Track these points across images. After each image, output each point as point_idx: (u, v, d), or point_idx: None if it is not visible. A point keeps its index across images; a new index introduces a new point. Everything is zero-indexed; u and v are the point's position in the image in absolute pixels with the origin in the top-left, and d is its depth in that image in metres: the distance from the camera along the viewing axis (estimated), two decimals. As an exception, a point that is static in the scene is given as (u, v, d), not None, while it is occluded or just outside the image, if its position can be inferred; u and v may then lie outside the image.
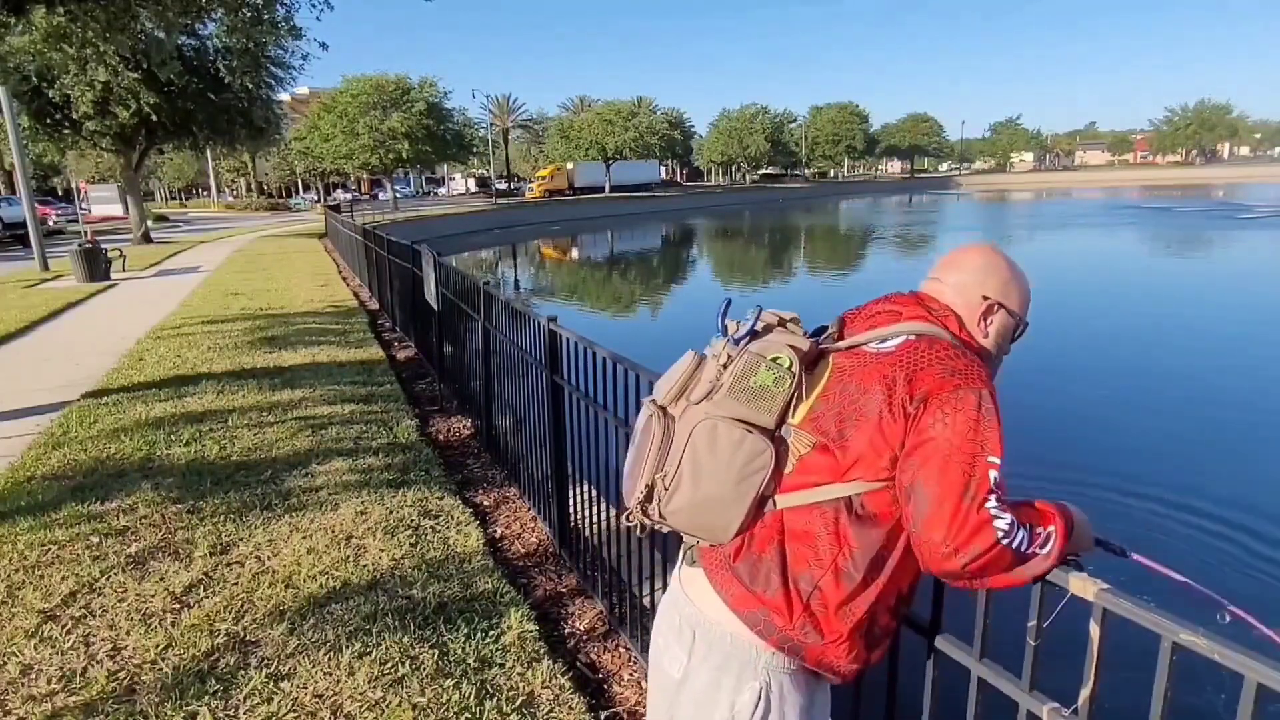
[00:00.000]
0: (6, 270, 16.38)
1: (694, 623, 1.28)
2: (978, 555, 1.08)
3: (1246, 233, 27.45)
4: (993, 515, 1.08)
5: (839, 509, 1.18)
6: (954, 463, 1.09)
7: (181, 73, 18.79)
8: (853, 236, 36.54)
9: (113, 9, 7.94)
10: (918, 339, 1.23)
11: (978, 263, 1.35)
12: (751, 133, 76.24)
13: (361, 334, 8.50)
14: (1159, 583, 1.26)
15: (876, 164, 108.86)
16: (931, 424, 1.12)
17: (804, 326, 1.37)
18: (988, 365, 1.27)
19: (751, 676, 1.22)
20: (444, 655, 2.59)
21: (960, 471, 1.09)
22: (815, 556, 1.19)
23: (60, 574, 3.19)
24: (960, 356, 1.19)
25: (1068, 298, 14.64)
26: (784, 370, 1.25)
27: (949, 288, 1.34)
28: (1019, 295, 1.34)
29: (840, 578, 1.18)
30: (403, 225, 28.83)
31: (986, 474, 1.09)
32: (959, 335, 1.28)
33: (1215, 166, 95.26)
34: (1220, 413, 7.57)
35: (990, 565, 1.10)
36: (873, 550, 1.18)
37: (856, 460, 1.17)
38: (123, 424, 5.16)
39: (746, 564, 1.24)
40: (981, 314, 1.31)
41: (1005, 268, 1.34)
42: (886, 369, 1.19)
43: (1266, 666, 0.94)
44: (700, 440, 1.24)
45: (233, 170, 72.56)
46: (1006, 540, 1.08)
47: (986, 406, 1.13)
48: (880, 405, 1.16)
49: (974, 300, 1.31)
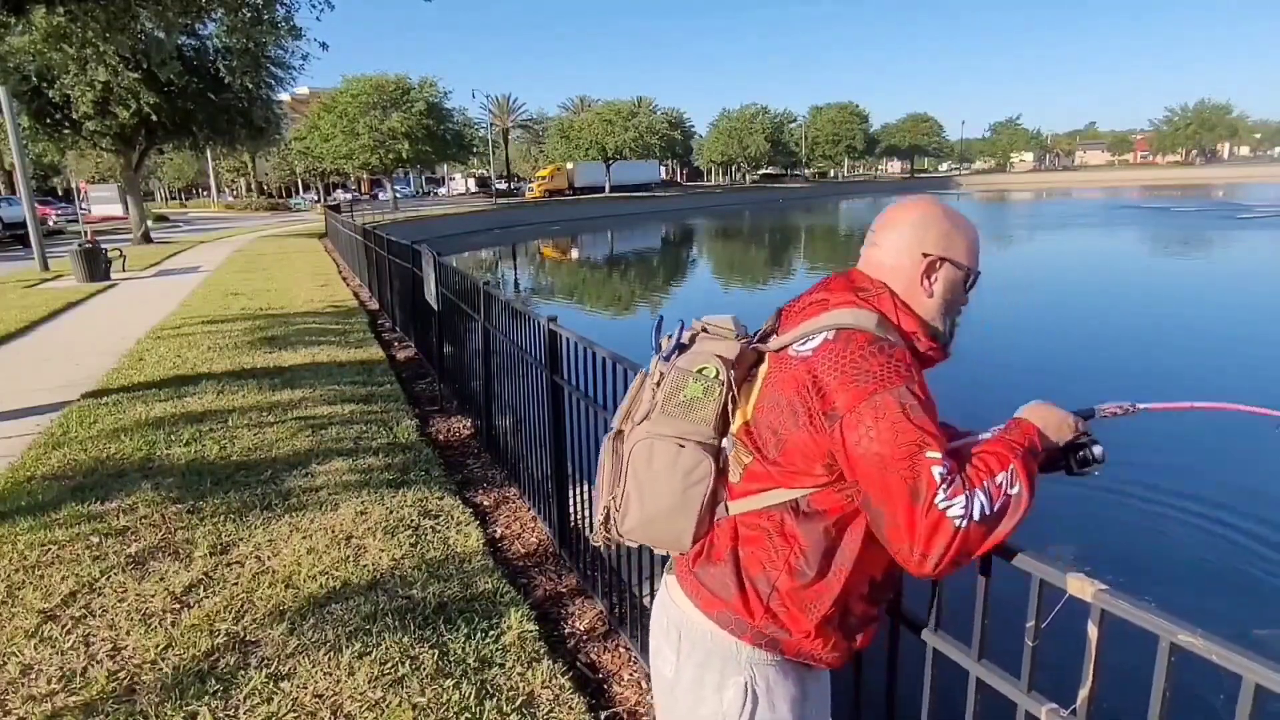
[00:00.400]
0: (6, 270, 16.38)
1: (679, 623, 1.31)
2: (945, 550, 1.05)
3: (1247, 233, 27.45)
4: (945, 509, 1.04)
5: (784, 511, 1.19)
6: (892, 474, 1.06)
7: (181, 73, 18.79)
8: (853, 237, 36.55)
9: (113, 9, 7.94)
10: (835, 337, 1.17)
11: (913, 218, 1.28)
12: (751, 133, 76.24)
13: (361, 334, 8.50)
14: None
15: (876, 164, 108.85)
16: (858, 441, 1.09)
17: (745, 326, 1.36)
18: (926, 334, 1.24)
19: (735, 671, 1.24)
20: (444, 655, 2.59)
21: (901, 480, 1.06)
22: (768, 558, 1.20)
23: (60, 574, 3.19)
24: (876, 354, 1.13)
25: (1068, 298, 14.67)
26: (712, 380, 1.25)
27: (885, 251, 1.28)
28: (963, 244, 1.27)
29: (795, 576, 1.18)
30: (403, 225, 28.82)
31: (928, 471, 1.05)
32: (895, 313, 1.23)
33: (1215, 166, 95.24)
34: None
35: (964, 548, 1.06)
36: (822, 546, 1.17)
37: (795, 470, 1.18)
38: (123, 424, 5.16)
39: (705, 569, 1.27)
40: (923, 272, 1.25)
41: (943, 218, 1.27)
42: (802, 378, 1.16)
43: (1265, 667, 0.94)
44: (639, 460, 1.28)
45: (233, 170, 72.56)
46: (967, 522, 1.05)
47: (908, 403, 1.09)
48: (802, 419, 1.15)
49: (914, 259, 1.25)
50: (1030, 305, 14.26)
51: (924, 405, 1.11)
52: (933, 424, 1.10)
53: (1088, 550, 4.48)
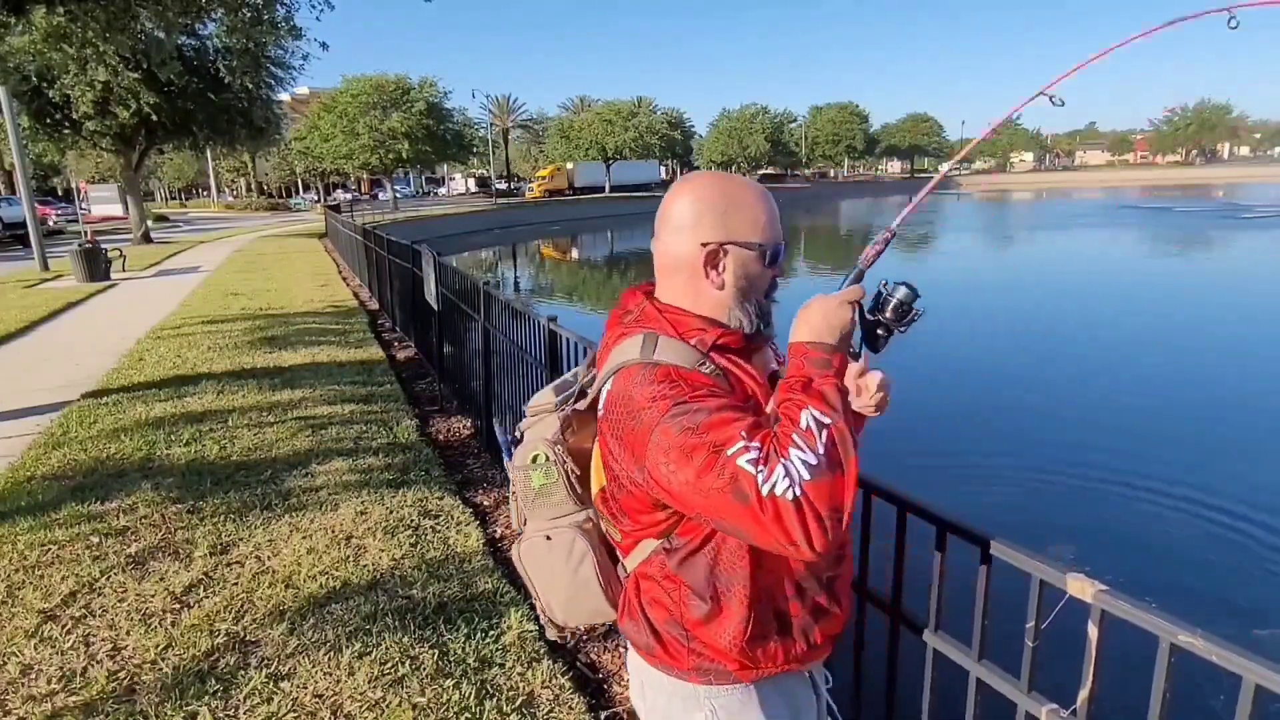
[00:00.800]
0: (6, 270, 16.38)
1: (639, 672, 1.27)
2: (803, 526, 0.92)
3: (1248, 233, 27.46)
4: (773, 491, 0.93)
5: (661, 555, 1.16)
6: (712, 493, 0.97)
7: (181, 73, 18.78)
8: (852, 237, 36.54)
9: (113, 9, 7.94)
10: (613, 385, 1.11)
11: (682, 209, 1.15)
12: (751, 133, 76.24)
13: (361, 334, 8.50)
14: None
15: (876, 164, 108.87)
16: (667, 480, 1.01)
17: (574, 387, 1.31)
18: (717, 328, 1.13)
19: (695, 708, 1.19)
20: (444, 655, 2.59)
21: (722, 494, 0.96)
22: (669, 603, 1.17)
23: (60, 574, 3.19)
24: (642, 386, 1.05)
25: (1072, 298, 14.67)
26: (547, 464, 1.25)
27: (665, 249, 1.17)
28: (747, 220, 1.14)
29: (695, 612, 1.13)
30: (403, 225, 28.82)
31: (734, 467, 0.95)
32: (663, 324, 1.14)
33: (1215, 167, 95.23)
34: (1226, 412, 7.57)
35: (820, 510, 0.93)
36: (703, 574, 1.12)
37: (649, 521, 1.15)
38: (123, 424, 5.16)
39: (628, 627, 1.24)
40: (706, 264, 1.13)
41: (716, 197, 1.15)
42: (606, 438, 1.12)
43: (1265, 667, 0.94)
44: (529, 562, 1.32)
45: (233, 170, 72.58)
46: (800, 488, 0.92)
47: (684, 422, 0.99)
48: (624, 481, 1.12)
49: (693, 252, 1.13)
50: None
51: (709, 400, 1.01)
52: (723, 413, 0.99)
53: (1088, 550, 4.48)
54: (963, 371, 9.56)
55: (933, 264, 23.13)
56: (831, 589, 1.19)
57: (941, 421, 7.48)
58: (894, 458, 6.35)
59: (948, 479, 5.80)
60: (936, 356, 10.18)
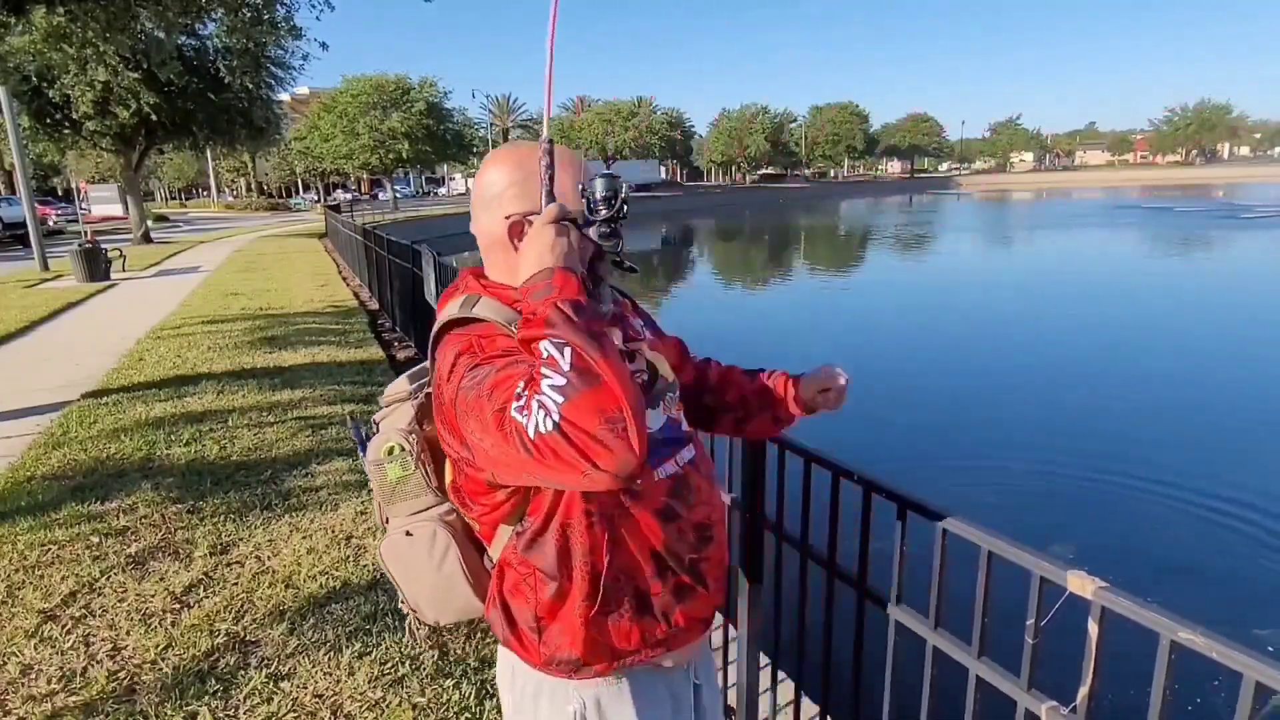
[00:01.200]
0: (6, 270, 16.38)
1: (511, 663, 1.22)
2: (579, 450, 0.85)
3: (1248, 233, 27.46)
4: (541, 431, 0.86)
5: (514, 538, 1.13)
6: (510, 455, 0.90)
7: (181, 73, 18.80)
8: (852, 237, 36.55)
9: (113, 9, 7.95)
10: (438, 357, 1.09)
11: (485, 185, 1.14)
12: (751, 133, 76.31)
13: (361, 334, 8.50)
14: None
15: (876, 164, 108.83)
16: (477, 448, 0.96)
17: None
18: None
19: (564, 701, 1.15)
20: (444, 655, 2.59)
21: (517, 453, 0.89)
22: (525, 589, 1.12)
23: (60, 574, 3.19)
24: (448, 354, 1.04)
25: (1072, 298, 14.66)
26: (402, 455, 1.21)
27: (480, 229, 1.17)
28: (543, 182, 1.06)
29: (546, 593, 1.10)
30: (403, 225, 28.81)
31: (514, 423, 0.88)
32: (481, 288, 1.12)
33: (1215, 166, 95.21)
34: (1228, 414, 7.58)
35: (594, 427, 0.85)
36: (553, 554, 1.08)
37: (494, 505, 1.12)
38: (123, 424, 5.16)
39: (491, 617, 1.20)
40: (511, 237, 1.12)
41: (514, 169, 1.12)
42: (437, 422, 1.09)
43: (1266, 665, 0.94)
44: (390, 561, 1.26)
45: (233, 170, 72.60)
46: (558, 415, 0.85)
47: (477, 389, 0.95)
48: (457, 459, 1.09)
49: (501, 228, 1.12)
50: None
51: (499, 359, 0.97)
52: (507, 370, 0.94)
53: (1087, 548, 4.48)
54: (962, 371, 9.57)
55: (932, 264, 23.13)
56: (696, 570, 1.15)
57: (941, 421, 7.49)
58: (894, 458, 6.36)
59: (948, 479, 5.81)
60: (936, 356, 10.19)
